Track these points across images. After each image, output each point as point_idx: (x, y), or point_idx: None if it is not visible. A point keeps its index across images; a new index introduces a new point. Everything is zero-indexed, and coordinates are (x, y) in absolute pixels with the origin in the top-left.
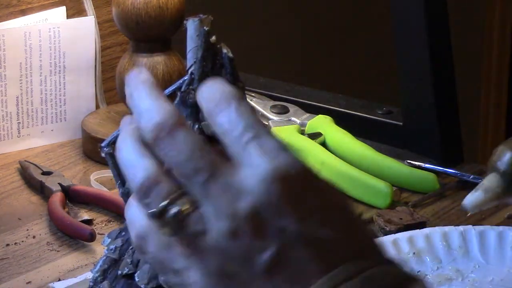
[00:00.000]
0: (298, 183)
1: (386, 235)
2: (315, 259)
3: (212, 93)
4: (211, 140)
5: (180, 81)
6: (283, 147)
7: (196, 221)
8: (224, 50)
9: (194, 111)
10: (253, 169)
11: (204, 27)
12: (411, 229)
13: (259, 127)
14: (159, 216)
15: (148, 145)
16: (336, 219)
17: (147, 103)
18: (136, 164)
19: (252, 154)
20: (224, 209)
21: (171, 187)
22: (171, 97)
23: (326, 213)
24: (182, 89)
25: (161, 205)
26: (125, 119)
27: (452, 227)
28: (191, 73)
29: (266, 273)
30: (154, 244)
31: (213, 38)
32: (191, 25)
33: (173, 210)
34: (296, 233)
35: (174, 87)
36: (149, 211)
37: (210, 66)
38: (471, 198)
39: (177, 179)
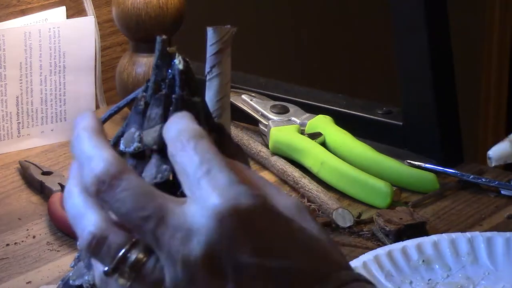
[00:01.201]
0: (250, 217)
1: (386, 235)
2: None
3: (173, 131)
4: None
5: (139, 89)
6: (236, 182)
7: (151, 269)
8: (175, 61)
9: (140, 118)
10: (203, 205)
11: (164, 40)
12: (411, 229)
13: (214, 163)
14: (113, 272)
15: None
16: (296, 249)
17: (86, 153)
18: (82, 218)
19: (203, 190)
20: (176, 255)
21: (121, 239)
22: (130, 105)
23: (284, 244)
24: (138, 96)
25: (113, 262)
26: (73, 166)
27: (459, 233)
28: (147, 81)
29: None
30: None
31: (172, 48)
32: (208, 34)
33: (127, 262)
34: (253, 268)
35: (133, 95)
36: (103, 270)
37: (164, 75)
38: (497, 149)
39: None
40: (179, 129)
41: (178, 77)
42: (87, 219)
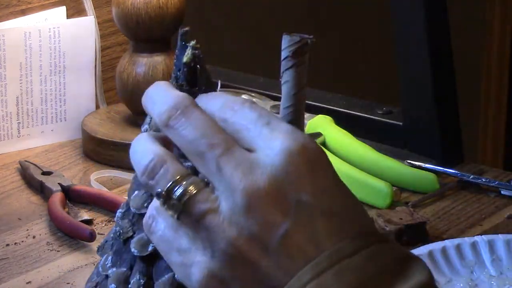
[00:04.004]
0: (313, 159)
1: (386, 235)
2: (327, 231)
3: (218, 102)
4: None
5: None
6: (293, 129)
7: (203, 201)
8: (184, 53)
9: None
10: (271, 147)
11: (183, 33)
12: (411, 229)
13: (272, 116)
14: (164, 196)
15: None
16: (344, 196)
17: (163, 92)
18: (144, 149)
19: (268, 135)
20: (238, 185)
21: (178, 168)
22: None
23: (337, 189)
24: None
25: (167, 185)
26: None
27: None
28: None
29: (282, 248)
30: (162, 224)
31: (193, 41)
32: (284, 39)
33: (179, 190)
34: (312, 207)
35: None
36: (155, 191)
37: (180, 65)
38: None
39: (184, 164)
40: (225, 100)
41: (182, 68)
42: (150, 149)
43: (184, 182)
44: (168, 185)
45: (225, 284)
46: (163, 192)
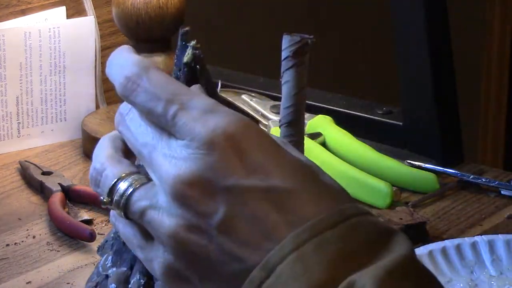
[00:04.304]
0: (236, 139)
1: None
2: (276, 211)
3: (118, 70)
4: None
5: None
6: (213, 107)
7: (142, 196)
8: (185, 53)
9: None
10: (191, 133)
11: (183, 33)
12: (411, 229)
13: (180, 94)
14: (107, 202)
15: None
16: (287, 169)
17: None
18: (94, 158)
19: (183, 127)
20: (167, 176)
21: (119, 170)
22: None
23: (273, 163)
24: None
25: (107, 191)
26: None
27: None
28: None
29: (222, 234)
30: (121, 223)
31: (193, 41)
32: (284, 39)
33: (122, 187)
34: (243, 189)
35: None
36: (100, 200)
37: (181, 65)
38: None
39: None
40: (121, 66)
41: (182, 68)
42: (95, 158)
43: (128, 178)
44: (108, 190)
45: (184, 275)
46: (104, 199)
